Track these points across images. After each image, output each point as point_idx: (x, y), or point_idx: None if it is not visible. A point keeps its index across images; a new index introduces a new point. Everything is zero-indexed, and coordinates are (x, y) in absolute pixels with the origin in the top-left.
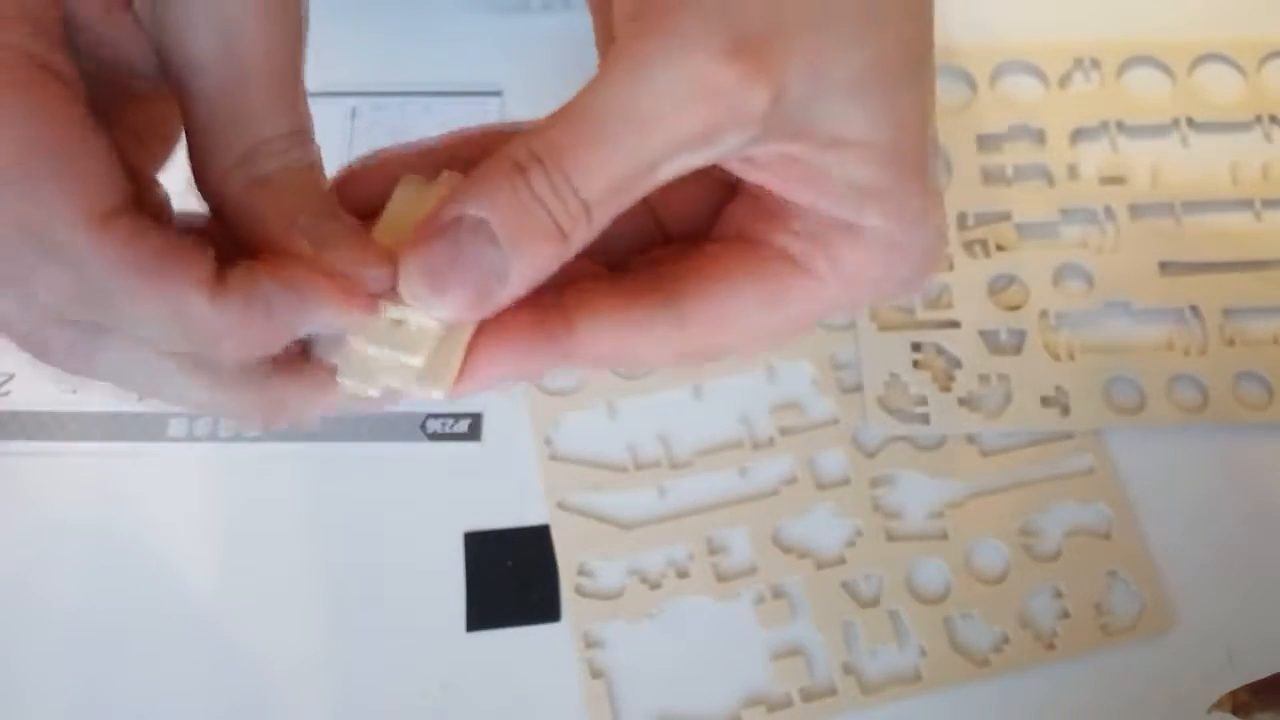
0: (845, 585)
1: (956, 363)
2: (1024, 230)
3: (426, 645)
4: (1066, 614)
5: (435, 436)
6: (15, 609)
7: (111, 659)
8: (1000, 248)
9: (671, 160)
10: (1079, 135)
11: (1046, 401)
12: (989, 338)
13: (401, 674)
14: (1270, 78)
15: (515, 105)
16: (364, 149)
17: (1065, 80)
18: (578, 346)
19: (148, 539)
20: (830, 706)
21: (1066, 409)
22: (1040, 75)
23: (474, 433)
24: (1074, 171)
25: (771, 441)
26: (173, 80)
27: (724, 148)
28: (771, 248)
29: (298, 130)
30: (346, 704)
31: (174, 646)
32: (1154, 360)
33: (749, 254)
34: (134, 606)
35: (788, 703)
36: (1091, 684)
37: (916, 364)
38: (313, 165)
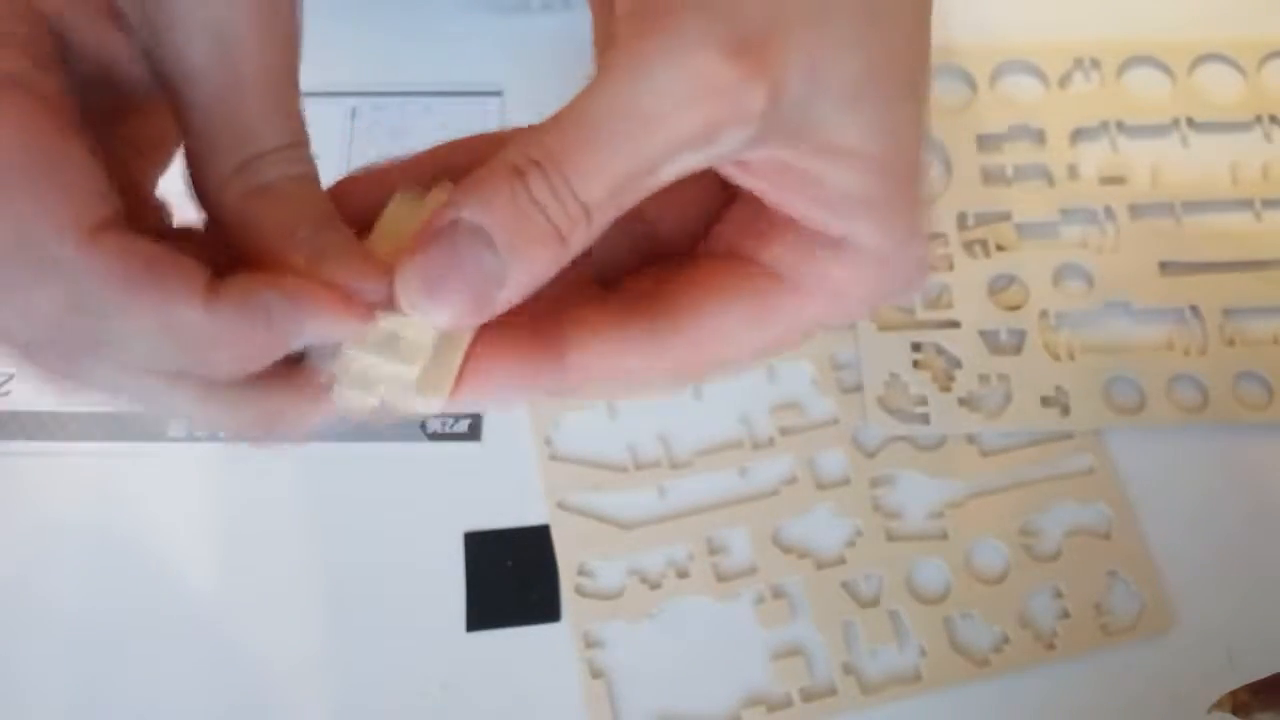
0: (845, 585)
1: (956, 363)
2: (1024, 230)
3: (426, 645)
4: (1066, 614)
5: (435, 436)
6: (15, 609)
7: (111, 659)
8: (1000, 248)
9: (672, 160)
10: (1079, 135)
11: (1046, 401)
12: (989, 338)
13: (401, 674)
14: (1270, 78)
15: (515, 105)
16: (364, 149)
17: (1065, 80)
18: (572, 367)
19: (148, 539)
20: (830, 706)
21: (1066, 409)
22: (1040, 75)
23: (474, 433)
24: (1074, 171)
25: (771, 441)
26: (168, 91)
27: (724, 147)
28: (758, 265)
29: (295, 140)
30: (346, 704)
31: (174, 646)
32: (1154, 360)
33: (736, 272)
34: (134, 606)
35: (788, 703)
36: (1091, 684)
37: (916, 364)
38: (311, 175)
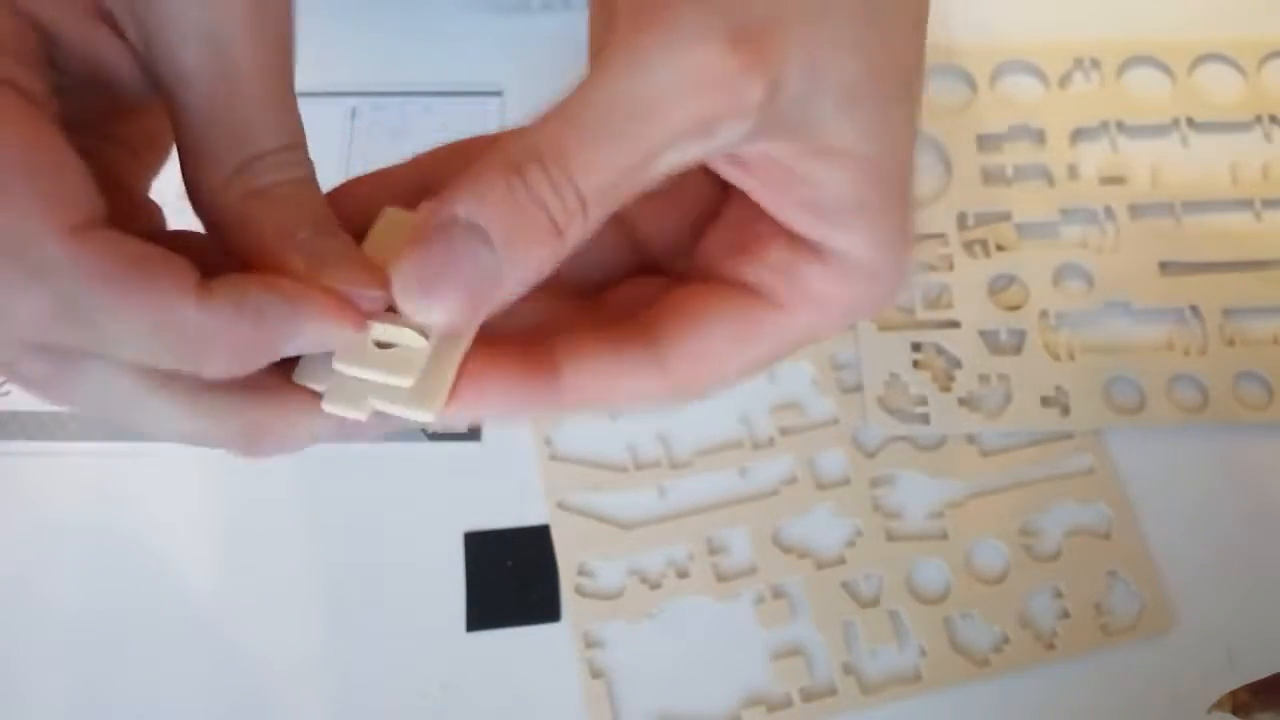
0: (845, 585)
1: (956, 363)
2: (1024, 230)
3: (426, 645)
4: (1066, 614)
5: (435, 436)
6: (15, 609)
7: (111, 659)
8: (1000, 248)
9: (669, 151)
10: (1079, 135)
11: (1046, 401)
12: (989, 338)
13: (401, 674)
14: (1270, 78)
15: (515, 105)
16: (364, 149)
17: (1065, 80)
18: (566, 389)
19: (148, 539)
20: (830, 706)
21: (1066, 409)
22: (1040, 75)
23: (474, 433)
24: (1074, 171)
25: (771, 441)
26: (162, 93)
27: (721, 140)
28: (742, 284)
29: (292, 142)
30: (346, 704)
31: (174, 646)
32: (1154, 360)
33: (720, 293)
34: (134, 606)
35: (788, 703)
36: (1091, 684)
37: (916, 364)
38: (308, 178)
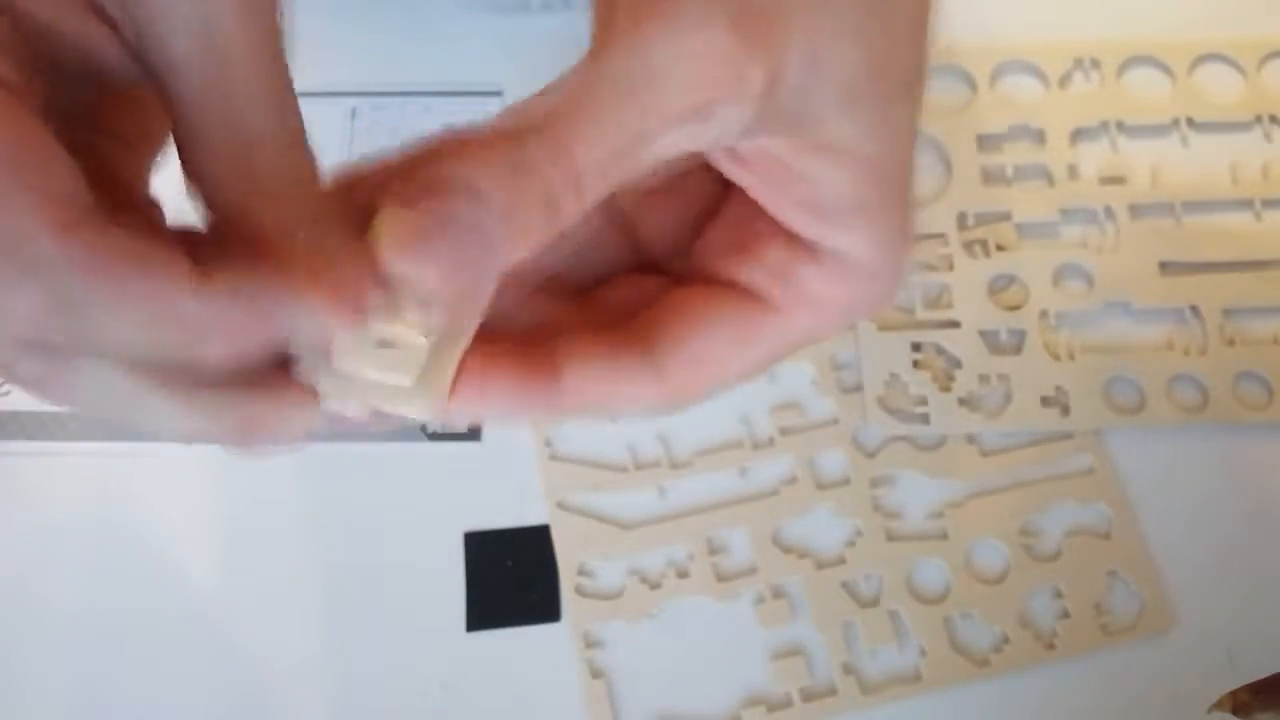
0: (845, 585)
1: (956, 363)
2: (1024, 230)
3: (426, 645)
4: (1066, 614)
5: (435, 436)
6: (15, 609)
7: (111, 659)
8: (1000, 248)
9: (667, 133)
10: (1079, 135)
11: (1046, 401)
12: (989, 338)
13: (401, 674)
14: (1270, 78)
15: None
16: (364, 149)
17: (1065, 80)
18: (567, 392)
19: (148, 539)
20: (830, 706)
21: (1066, 409)
22: (1040, 75)
23: (474, 433)
24: (1074, 171)
25: (771, 441)
26: (157, 85)
27: (719, 127)
28: (738, 287)
29: (292, 133)
30: (346, 704)
31: (174, 646)
32: (1154, 360)
33: (717, 297)
34: (134, 606)
35: (788, 703)
36: (1091, 684)
37: (916, 364)
38: (309, 170)
